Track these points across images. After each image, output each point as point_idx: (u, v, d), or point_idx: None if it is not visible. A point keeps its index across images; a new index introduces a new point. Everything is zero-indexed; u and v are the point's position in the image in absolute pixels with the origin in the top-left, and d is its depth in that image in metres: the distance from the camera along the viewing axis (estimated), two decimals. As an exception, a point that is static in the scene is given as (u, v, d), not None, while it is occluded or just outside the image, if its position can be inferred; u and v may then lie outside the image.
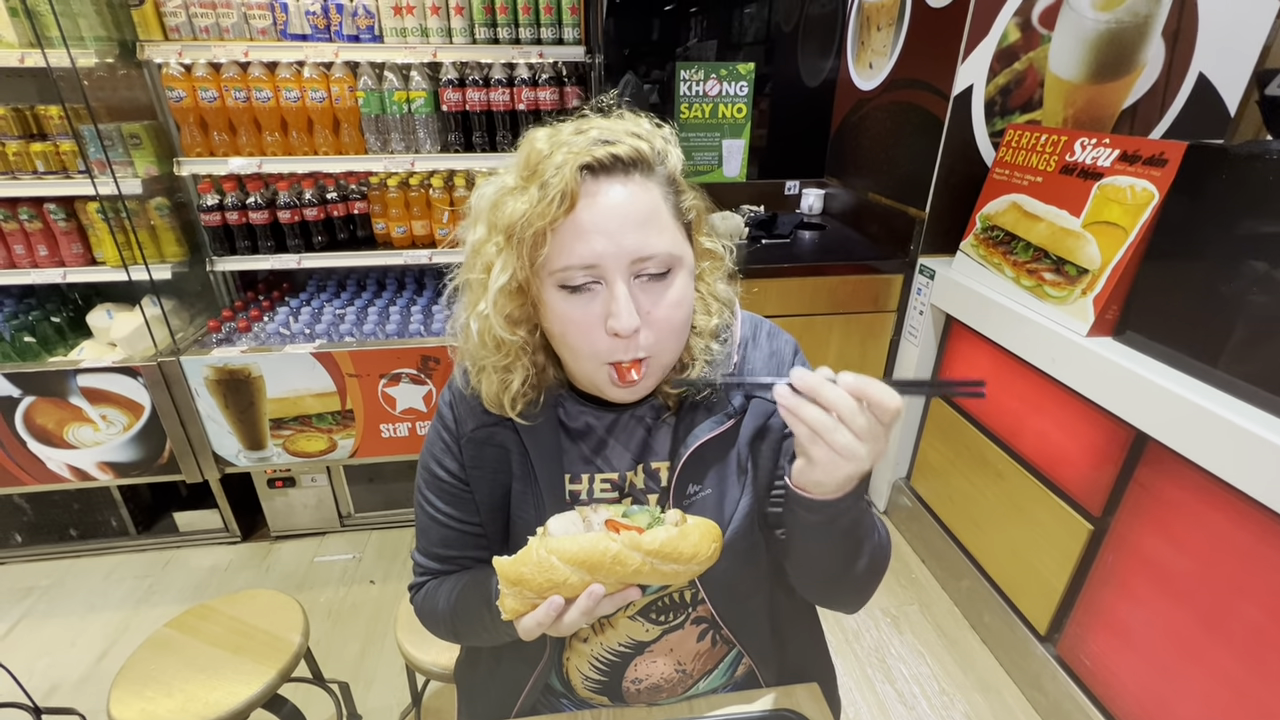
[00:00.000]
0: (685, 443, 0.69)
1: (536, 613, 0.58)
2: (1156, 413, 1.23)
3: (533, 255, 0.59)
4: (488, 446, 0.72)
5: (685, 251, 0.63)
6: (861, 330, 2.14)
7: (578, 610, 0.59)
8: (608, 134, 0.59)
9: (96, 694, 1.65)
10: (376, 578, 2.06)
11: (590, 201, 0.58)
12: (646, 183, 0.60)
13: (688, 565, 0.60)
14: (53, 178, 1.77)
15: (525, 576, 0.58)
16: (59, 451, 1.87)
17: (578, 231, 0.58)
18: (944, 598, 1.98)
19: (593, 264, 0.58)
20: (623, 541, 0.58)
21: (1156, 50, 1.71)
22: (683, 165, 0.65)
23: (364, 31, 1.78)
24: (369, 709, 1.62)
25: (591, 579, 0.58)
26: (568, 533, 0.60)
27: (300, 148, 1.88)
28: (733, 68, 2.46)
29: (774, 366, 0.73)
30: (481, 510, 0.75)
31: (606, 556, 0.57)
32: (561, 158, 0.57)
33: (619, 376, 0.63)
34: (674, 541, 0.59)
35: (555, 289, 0.60)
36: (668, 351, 0.64)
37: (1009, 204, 1.68)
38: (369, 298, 2.16)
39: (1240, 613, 1.13)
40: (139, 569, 2.10)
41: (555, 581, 0.58)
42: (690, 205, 0.65)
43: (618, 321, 0.58)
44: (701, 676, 0.83)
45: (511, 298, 0.63)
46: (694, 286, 0.66)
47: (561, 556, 0.57)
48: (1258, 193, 1.15)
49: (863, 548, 0.66)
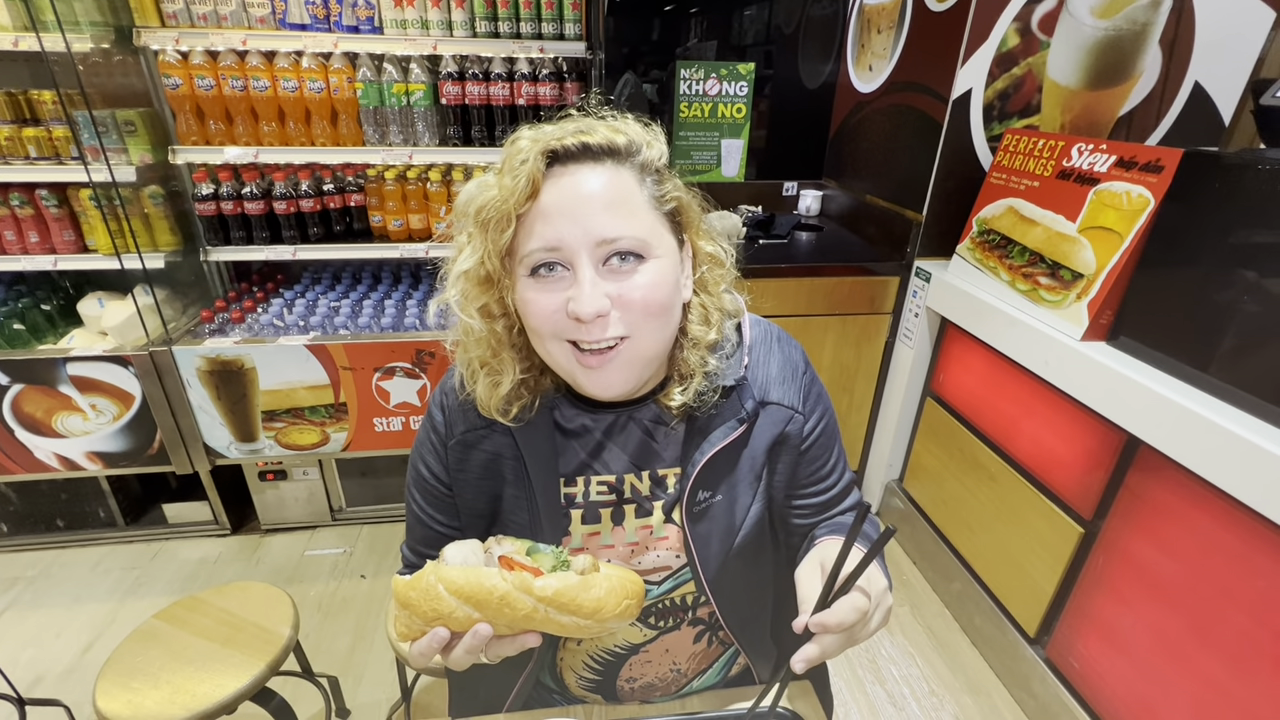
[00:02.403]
0: (700, 449, 0.68)
1: (420, 641, 0.56)
2: (1148, 417, 1.24)
3: (499, 238, 0.59)
4: (476, 451, 0.70)
5: (662, 240, 0.61)
6: (857, 332, 2.14)
7: (463, 648, 0.56)
8: (586, 125, 0.59)
9: (82, 686, 1.64)
10: (367, 572, 2.05)
11: (555, 186, 0.58)
12: (618, 169, 0.59)
13: (589, 620, 0.55)
14: (45, 163, 1.75)
15: (412, 601, 0.55)
16: (47, 440, 1.85)
17: (542, 214, 0.58)
18: (935, 599, 1.99)
19: (555, 245, 0.57)
20: (512, 582, 0.54)
21: (1153, 58, 1.73)
22: (665, 159, 0.63)
23: (364, 23, 1.77)
24: (358, 704, 1.62)
25: (479, 616, 0.55)
26: (466, 562, 0.56)
27: (297, 138, 1.86)
28: (733, 68, 2.46)
29: (788, 374, 0.72)
30: (462, 515, 0.73)
31: (493, 596, 0.53)
32: (528, 144, 0.57)
33: (580, 359, 0.60)
34: (571, 591, 0.54)
35: (524, 277, 0.60)
36: (647, 335, 0.61)
37: (1006, 208, 1.69)
38: (364, 290, 2.14)
39: (1228, 617, 1.14)
40: (127, 560, 2.08)
41: (440, 612, 0.54)
42: (670, 195, 0.63)
43: (578, 305, 0.57)
44: (696, 676, 0.83)
45: (479, 285, 0.63)
46: (683, 290, 0.65)
47: (448, 586, 0.54)
48: (1251, 201, 1.16)
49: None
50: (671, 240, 0.63)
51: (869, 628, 0.56)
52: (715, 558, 0.71)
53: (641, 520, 0.72)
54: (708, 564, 0.71)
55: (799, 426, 0.71)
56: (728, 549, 0.71)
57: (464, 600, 0.54)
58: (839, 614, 0.52)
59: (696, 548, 0.70)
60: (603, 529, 0.72)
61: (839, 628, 0.52)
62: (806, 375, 0.74)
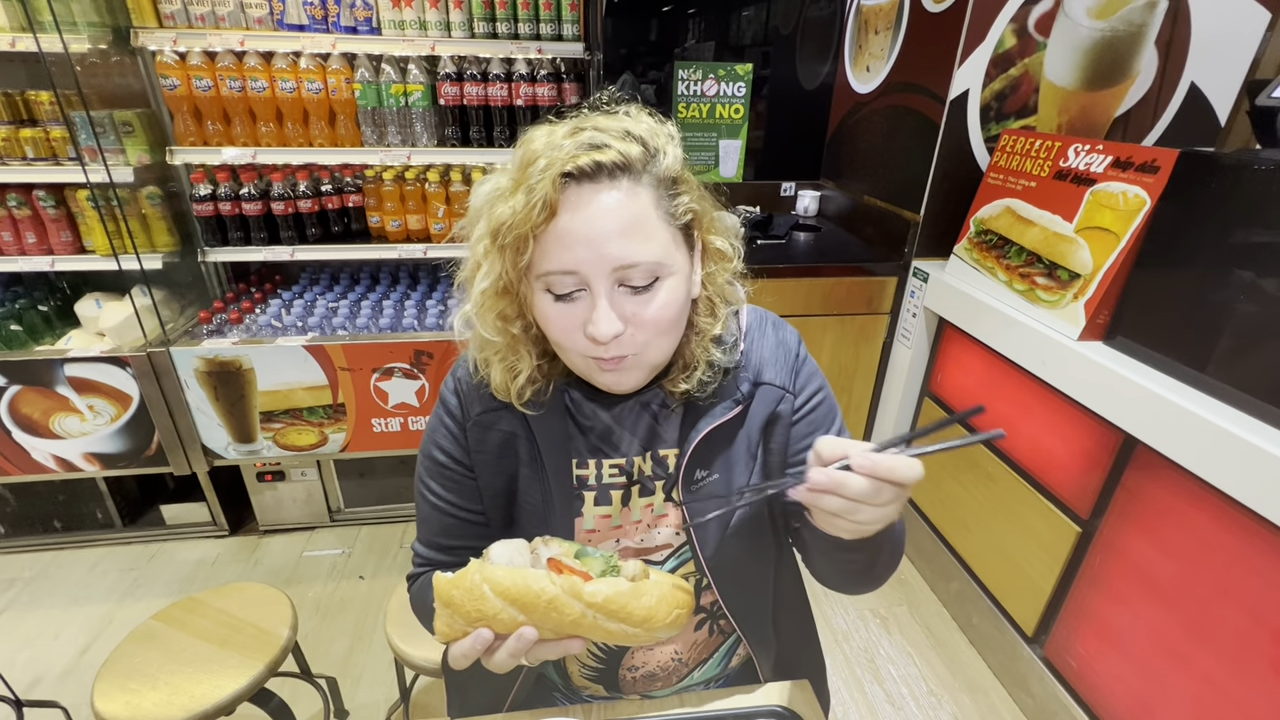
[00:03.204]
0: (695, 428, 0.70)
1: (463, 642, 0.56)
2: (1145, 417, 1.24)
3: (516, 259, 0.60)
4: (493, 431, 0.72)
5: (675, 257, 0.62)
6: (855, 332, 2.15)
7: (506, 651, 0.55)
8: (599, 137, 0.58)
9: (80, 687, 1.63)
10: (366, 573, 2.05)
11: (572, 209, 0.58)
12: (634, 188, 0.59)
13: (638, 629, 0.53)
14: (42, 164, 1.75)
15: (456, 600, 0.53)
16: (44, 441, 1.85)
17: (559, 239, 0.58)
18: (933, 599, 1.99)
19: (574, 270, 0.58)
20: (561, 586, 0.53)
21: (1150, 59, 1.73)
22: (681, 164, 0.63)
23: (362, 23, 1.77)
24: (356, 704, 1.61)
25: (525, 619, 0.53)
26: (511, 562, 0.55)
27: (295, 139, 1.86)
28: (731, 68, 2.47)
29: (781, 356, 0.74)
30: (485, 496, 0.75)
31: (541, 599, 0.52)
32: (544, 163, 0.57)
33: (596, 364, 0.64)
34: (622, 598, 0.53)
35: (542, 291, 0.61)
36: (657, 350, 0.64)
37: (1003, 208, 1.70)
38: (362, 291, 2.14)
39: (1225, 615, 1.14)
40: (124, 562, 2.08)
41: (485, 613, 0.53)
42: (686, 208, 0.63)
43: (595, 329, 0.59)
44: (697, 665, 0.83)
45: (499, 297, 0.64)
46: (692, 288, 0.66)
47: (494, 587, 0.53)
48: (1247, 201, 1.17)
49: (884, 550, 0.65)
50: (684, 252, 0.64)
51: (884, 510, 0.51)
52: (713, 537, 0.73)
53: (645, 500, 0.74)
54: (705, 543, 0.73)
55: (790, 405, 0.73)
56: (724, 528, 0.73)
57: (509, 602, 0.53)
58: (891, 461, 0.49)
59: (694, 526, 0.73)
60: (613, 510, 0.74)
61: (889, 474, 0.49)
62: (799, 358, 0.75)
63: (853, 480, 0.50)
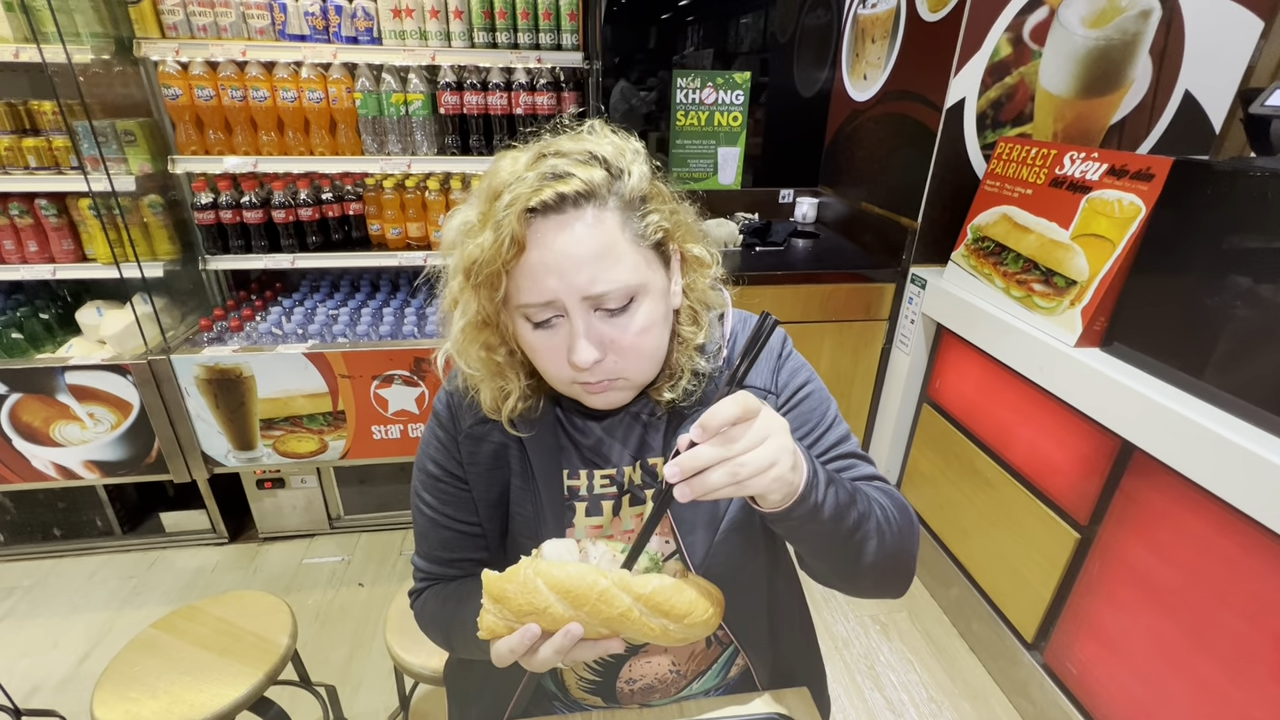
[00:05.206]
0: (678, 432, 0.70)
1: (511, 638, 0.57)
2: (1142, 423, 1.25)
3: (492, 294, 0.61)
4: (485, 443, 0.72)
5: (649, 276, 0.62)
6: (853, 338, 2.15)
7: (551, 647, 0.57)
8: (560, 165, 0.58)
9: (79, 696, 1.63)
10: (365, 581, 2.05)
11: (539, 243, 0.58)
12: (600, 214, 0.59)
13: (679, 624, 0.56)
14: (45, 173, 1.76)
15: (508, 595, 0.55)
16: (45, 449, 1.85)
17: (530, 273, 0.59)
18: (933, 605, 1.99)
19: (549, 300, 0.59)
20: (613, 579, 0.55)
21: (1144, 68, 1.75)
22: (649, 180, 0.63)
23: (362, 33, 1.79)
24: (356, 713, 1.61)
25: (574, 613, 0.55)
26: (561, 559, 0.58)
27: (296, 148, 1.87)
28: (729, 76, 2.48)
29: (763, 358, 0.74)
30: (480, 508, 0.75)
31: (594, 591, 0.54)
32: (509, 198, 0.57)
33: (589, 390, 0.65)
34: (667, 591, 0.55)
35: (522, 319, 0.62)
36: (640, 373, 0.65)
37: (1000, 215, 1.71)
38: (362, 299, 2.15)
39: (1224, 622, 1.14)
40: (124, 570, 2.08)
41: (536, 607, 0.55)
42: (656, 226, 0.63)
43: (575, 355, 0.60)
44: (695, 677, 0.83)
45: (480, 330, 0.65)
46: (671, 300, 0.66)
47: (547, 581, 0.55)
48: (1241, 208, 1.18)
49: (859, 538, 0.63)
50: (659, 268, 0.64)
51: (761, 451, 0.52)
52: (701, 543, 0.73)
53: (635, 509, 0.74)
54: (694, 549, 0.73)
55: (772, 404, 0.73)
56: (713, 534, 0.73)
57: (561, 595, 0.55)
58: (712, 410, 0.50)
59: (681, 533, 0.73)
60: (604, 520, 0.74)
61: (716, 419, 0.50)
62: (780, 356, 0.75)
63: (696, 455, 0.51)
